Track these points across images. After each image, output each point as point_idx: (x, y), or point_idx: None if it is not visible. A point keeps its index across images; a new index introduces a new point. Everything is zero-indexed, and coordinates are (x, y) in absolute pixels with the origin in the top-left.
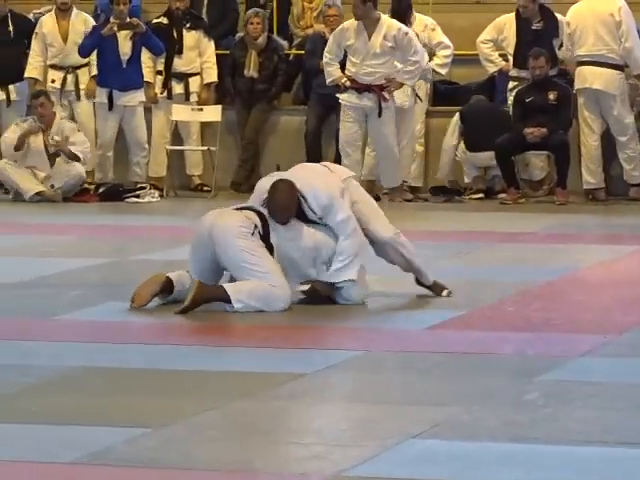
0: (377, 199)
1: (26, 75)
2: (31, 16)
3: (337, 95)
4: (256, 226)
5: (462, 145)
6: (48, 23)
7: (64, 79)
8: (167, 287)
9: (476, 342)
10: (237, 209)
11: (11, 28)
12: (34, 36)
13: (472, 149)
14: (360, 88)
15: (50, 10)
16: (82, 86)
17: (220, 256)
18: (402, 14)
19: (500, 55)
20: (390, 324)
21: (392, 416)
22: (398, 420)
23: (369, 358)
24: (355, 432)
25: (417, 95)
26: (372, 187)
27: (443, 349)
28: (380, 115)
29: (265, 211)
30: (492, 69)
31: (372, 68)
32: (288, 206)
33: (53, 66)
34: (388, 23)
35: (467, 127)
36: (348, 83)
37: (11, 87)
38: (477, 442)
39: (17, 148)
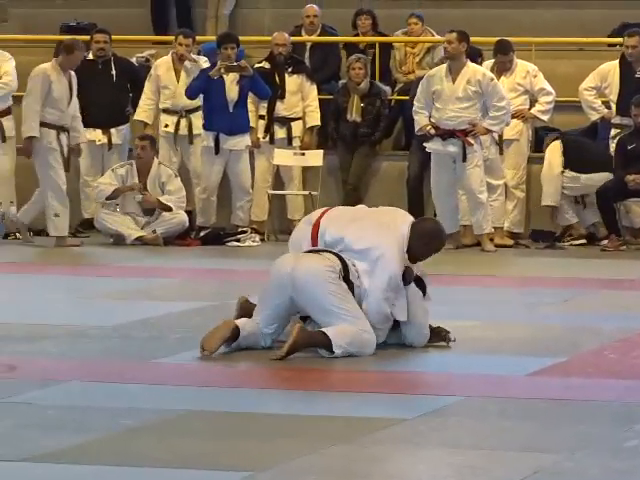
0: (478, 244)
1: (136, 117)
2: (134, 60)
3: (424, 144)
4: (340, 270)
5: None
6: (164, 66)
7: (177, 123)
8: (235, 334)
9: (577, 389)
10: (313, 252)
11: (114, 72)
12: (148, 78)
13: (577, 170)
14: (444, 134)
15: (153, 54)
16: (196, 131)
17: (304, 300)
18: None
19: (603, 102)
20: (490, 370)
21: (492, 463)
22: (498, 467)
23: (469, 404)
24: (455, 479)
25: (497, 143)
26: (471, 231)
27: (543, 395)
28: (464, 160)
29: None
30: (594, 117)
31: (455, 112)
32: None
33: (166, 110)
34: (473, 68)
35: (570, 150)
36: (433, 131)
37: (113, 131)
38: None
39: (109, 198)
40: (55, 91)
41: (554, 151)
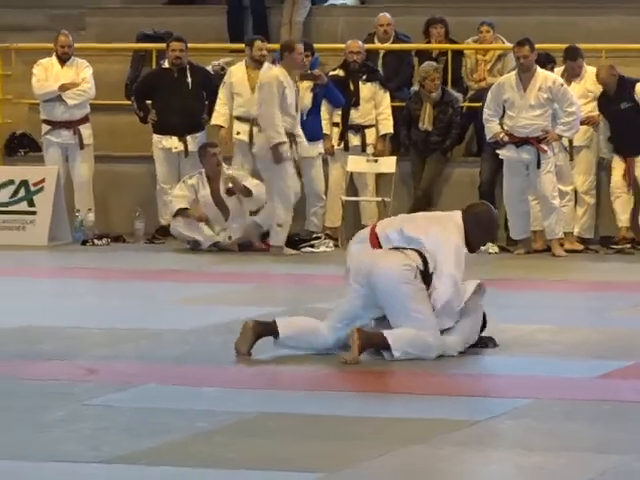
0: (548, 249)
1: (212, 122)
2: (210, 68)
3: (497, 151)
4: (418, 267)
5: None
6: (238, 73)
7: (250, 132)
8: (264, 330)
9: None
10: (395, 248)
11: (189, 80)
12: (222, 85)
13: None
14: (518, 141)
15: (229, 62)
16: None
17: (379, 297)
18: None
19: None
20: (559, 373)
21: (561, 464)
22: (567, 468)
23: (539, 406)
24: (524, 479)
25: (566, 149)
26: (541, 237)
27: (612, 397)
28: (539, 167)
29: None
30: None
31: (528, 120)
32: None
33: (239, 118)
34: (543, 75)
35: None
36: (506, 138)
37: (189, 138)
38: None
39: (178, 214)
40: (288, 97)
41: None
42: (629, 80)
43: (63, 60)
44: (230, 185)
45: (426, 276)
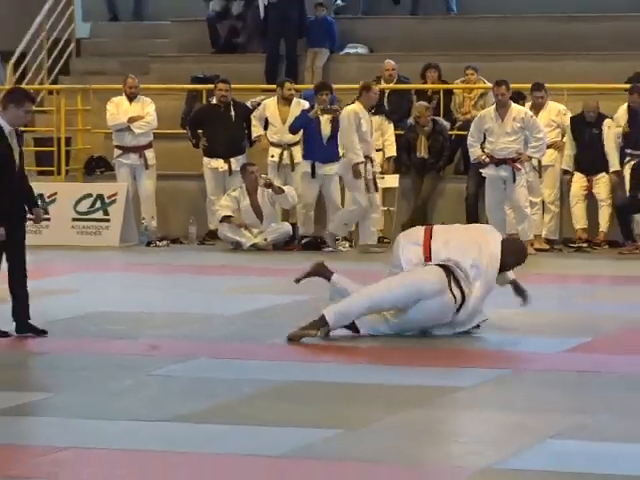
0: None
1: (255, 135)
2: (248, 104)
3: (480, 170)
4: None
5: None
6: (271, 107)
7: (281, 155)
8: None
9: (603, 363)
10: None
11: (233, 113)
12: (254, 112)
13: None
14: (497, 162)
15: (264, 99)
16: (296, 160)
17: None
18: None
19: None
20: (533, 348)
21: (534, 422)
22: (539, 425)
23: (517, 375)
24: (503, 434)
25: (535, 168)
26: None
27: (578, 368)
28: (514, 182)
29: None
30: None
31: (505, 145)
32: None
33: (272, 143)
34: (517, 108)
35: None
36: (487, 160)
37: (232, 160)
38: (599, 442)
39: (223, 221)
40: (363, 126)
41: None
42: (602, 115)
43: (131, 98)
44: (268, 181)
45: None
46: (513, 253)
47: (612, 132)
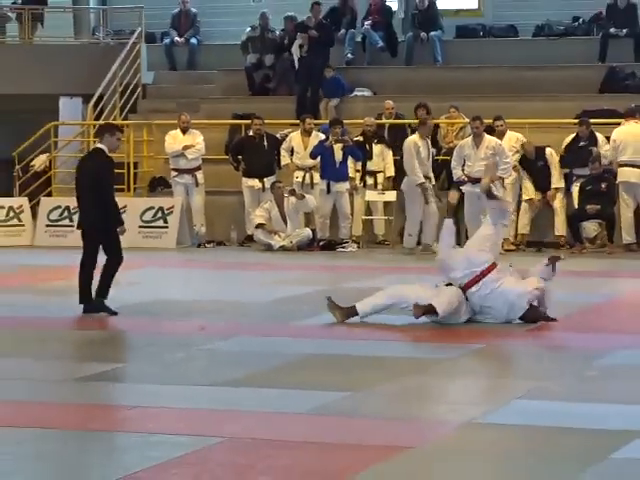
0: None
1: (283, 163)
2: (278, 135)
3: (460, 187)
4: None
5: None
6: (296, 138)
7: (304, 176)
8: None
9: (556, 339)
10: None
11: (266, 143)
12: (284, 144)
13: None
14: (474, 181)
15: (292, 131)
16: (315, 180)
17: None
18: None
19: None
20: (503, 326)
21: (505, 386)
22: (508, 388)
23: (490, 349)
24: (480, 396)
25: (503, 186)
26: None
27: (538, 344)
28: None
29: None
30: None
31: (480, 167)
32: None
33: (297, 167)
34: (489, 139)
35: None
36: (466, 179)
37: (265, 180)
38: (557, 402)
39: (258, 227)
40: (422, 153)
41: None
42: (540, 147)
43: (184, 130)
44: (292, 188)
45: None
46: None
47: (554, 158)
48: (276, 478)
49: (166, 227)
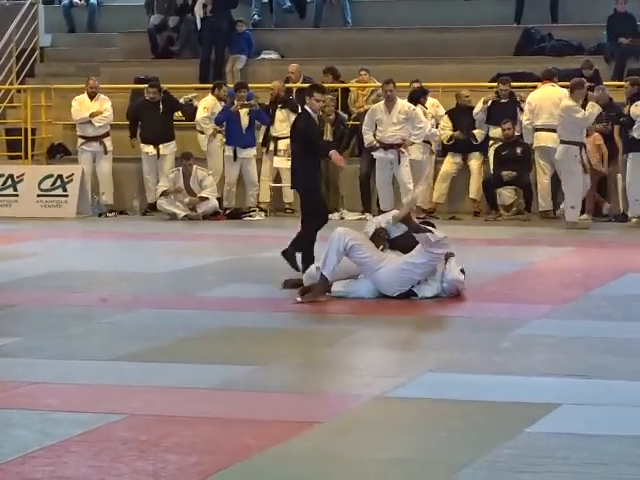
0: None
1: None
2: (182, 99)
3: (371, 153)
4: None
5: None
6: (209, 102)
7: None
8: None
9: (470, 309)
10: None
11: (161, 107)
12: (199, 108)
13: None
14: (386, 146)
15: (194, 96)
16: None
17: None
18: (417, 98)
19: None
20: (414, 300)
21: (416, 358)
22: (420, 360)
23: (403, 320)
24: (392, 368)
25: (431, 151)
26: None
27: (450, 314)
28: (399, 163)
29: None
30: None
31: (392, 133)
32: None
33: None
34: (402, 103)
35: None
36: (377, 144)
37: (161, 146)
38: (470, 374)
39: (163, 195)
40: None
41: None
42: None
43: (91, 96)
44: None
45: None
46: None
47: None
48: (180, 455)
49: (66, 196)
